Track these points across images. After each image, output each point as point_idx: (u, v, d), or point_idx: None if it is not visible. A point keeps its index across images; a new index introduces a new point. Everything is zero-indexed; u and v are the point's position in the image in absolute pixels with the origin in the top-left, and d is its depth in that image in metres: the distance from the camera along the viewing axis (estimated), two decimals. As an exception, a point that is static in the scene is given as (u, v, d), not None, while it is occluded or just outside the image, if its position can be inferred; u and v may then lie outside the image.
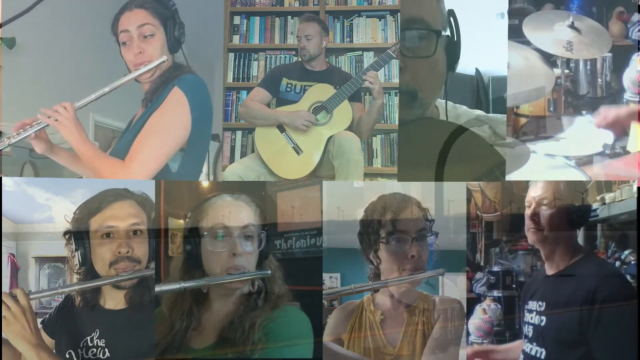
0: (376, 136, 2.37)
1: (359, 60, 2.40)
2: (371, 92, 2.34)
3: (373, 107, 2.34)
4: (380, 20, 2.40)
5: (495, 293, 2.20)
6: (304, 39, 2.39)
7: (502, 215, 2.20)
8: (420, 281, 2.08)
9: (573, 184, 2.13)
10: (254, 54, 2.43)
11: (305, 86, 2.40)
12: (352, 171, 2.30)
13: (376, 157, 2.37)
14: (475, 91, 2.29)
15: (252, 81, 2.41)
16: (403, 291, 2.08)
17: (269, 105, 2.40)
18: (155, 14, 2.18)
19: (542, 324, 2.02)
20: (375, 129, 2.36)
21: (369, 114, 2.35)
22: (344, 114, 2.36)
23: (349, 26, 2.42)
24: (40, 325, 2.04)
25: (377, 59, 2.36)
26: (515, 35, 2.24)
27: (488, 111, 2.27)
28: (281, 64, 2.43)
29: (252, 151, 2.39)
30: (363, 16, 2.41)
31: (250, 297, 1.94)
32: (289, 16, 2.43)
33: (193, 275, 1.96)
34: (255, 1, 2.45)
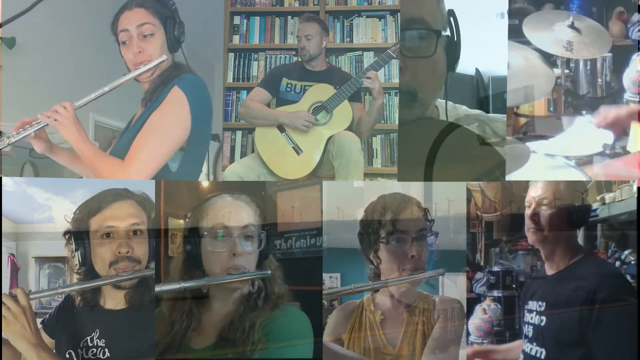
0: (376, 136, 2.37)
1: (359, 60, 2.40)
2: (371, 92, 2.34)
3: (373, 107, 2.34)
4: (380, 20, 2.40)
5: (495, 293, 2.20)
6: (304, 39, 2.39)
7: (502, 215, 2.20)
8: (420, 281, 2.08)
9: (573, 184, 2.13)
10: (254, 54, 2.43)
11: (305, 86, 2.39)
12: (352, 171, 2.30)
13: (376, 157, 2.37)
14: (475, 91, 2.29)
15: (252, 81, 2.41)
16: (403, 291, 2.08)
17: (269, 105, 2.40)
18: (155, 14, 2.18)
19: (542, 324, 2.02)
20: (375, 129, 2.35)
21: (369, 114, 2.35)
22: (344, 114, 2.36)
23: (349, 26, 2.42)
24: (40, 325, 2.04)
25: (377, 59, 2.35)
26: (515, 35, 2.24)
27: (488, 111, 2.27)
28: (281, 64, 2.42)
29: (252, 151, 2.39)
30: (363, 16, 2.41)
31: (250, 297, 1.94)
32: (289, 16, 2.43)
33: (193, 275, 1.96)
34: (255, 1, 2.45)
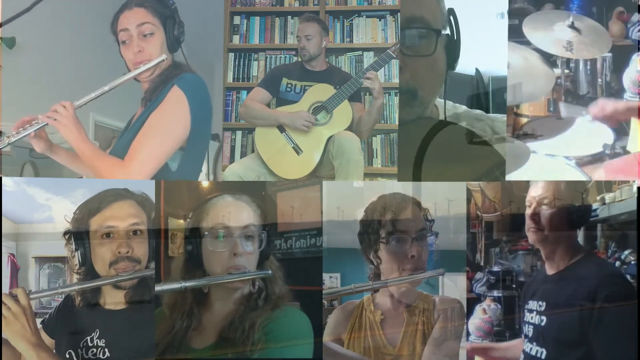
0: (376, 136, 2.37)
1: (359, 60, 2.40)
2: (371, 92, 2.34)
3: (373, 107, 2.33)
4: (380, 20, 2.40)
5: (495, 293, 2.20)
6: (304, 39, 2.39)
7: (502, 215, 2.20)
8: (421, 281, 2.08)
9: (573, 184, 2.13)
10: (254, 54, 2.43)
11: (305, 86, 2.39)
12: (352, 171, 2.30)
13: (376, 157, 2.37)
14: (475, 91, 2.29)
15: (252, 81, 2.41)
16: (403, 291, 2.08)
17: (269, 105, 2.40)
18: (155, 13, 2.18)
19: (543, 324, 2.02)
20: (375, 129, 2.35)
21: (369, 114, 2.34)
22: (344, 114, 2.36)
23: (349, 26, 2.42)
24: (40, 325, 2.04)
25: (377, 59, 2.35)
26: (515, 35, 2.24)
27: (488, 111, 2.27)
28: (281, 64, 2.42)
29: (252, 151, 2.39)
30: (363, 16, 2.41)
31: (251, 297, 1.94)
32: (289, 16, 2.43)
33: (194, 275, 1.96)
34: (255, 1, 2.45)
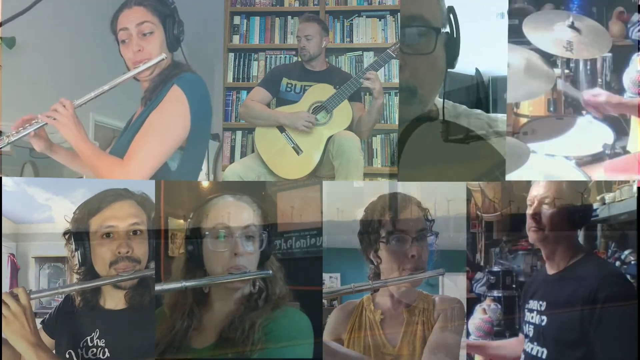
0: (376, 136, 2.37)
1: (359, 60, 2.40)
2: (371, 92, 2.33)
3: (373, 107, 2.33)
4: (380, 20, 2.40)
5: (495, 293, 2.20)
6: (304, 39, 2.39)
7: (502, 215, 2.20)
8: (421, 281, 2.08)
9: (574, 184, 2.13)
10: (254, 54, 2.43)
11: (305, 86, 2.39)
12: (352, 171, 2.30)
13: (376, 157, 2.37)
14: (475, 91, 2.29)
15: (252, 81, 2.41)
16: (403, 291, 2.08)
17: (269, 105, 2.39)
18: (155, 12, 2.18)
19: (543, 324, 2.02)
20: (375, 129, 2.35)
21: (369, 114, 2.34)
22: (344, 114, 2.36)
23: (349, 26, 2.42)
24: (40, 325, 2.04)
25: (377, 59, 2.35)
26: (515, 35, 2.24)
27: (488, 111, 2.27)
28: (281, 64, 2.42)
29: (252, 151, 2.38)
30: (363, 16, 2.41)
31: (251, 298, 1.94)
32: (289, 16, 2.43)
33: (194, 275, 1.96)
34: (255, 1, 2.44)
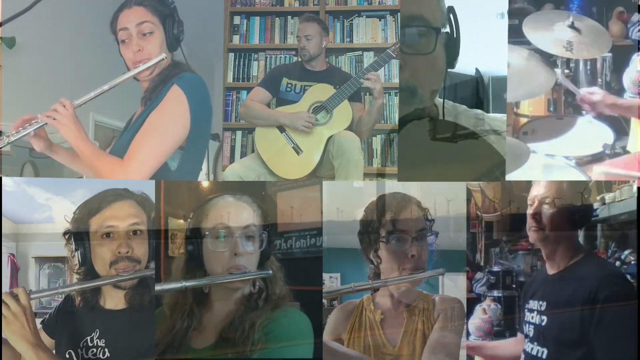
0: (376, 136, 2.37)
1: (359, 60, 2.40)
2: (371, 92, 2.34)
3: (373, 107, 2.34)
4: (380, 20, 2.40)
5: (495, 293, 2.20)
6: (304, 39, 2.39)
7: (502, 215, 2.20)
8: (421, 281, 2.08)
9: (575, 184, 2.13)
10: (254, 54, 2.43)
11: (305, 86, 2.39)
12: (352, 171, 2.30)
13: (376, 157, 2.37)
14: (475, 91, 2.29)
15: (252, 81, 2.41)
16: (403, 291, 2.08)
17: (269, 105, 2.40)
18: (154, 12, 2.18)
19: (543, 324, 2.02)
20: (375, 129, 2.35)
21: (369, 114, 2.35)
22: (344, 114, 2.36)
23: (349, 26, 2.42)
24: (40, 326, 2.03)
25: (377, 59, 2.35)
26: (515, 35, 2.24)
27: (488, 111, 2.27)
28: (281, 64, 2.42)
29: (252, 151, 2.39)
30: (363, 16, 2.41)
31: (251, 298, 1.94)
32: (289, 16, 2.43)
33: (194, 275, 1.96)
34: (255, 1, 2.45)
